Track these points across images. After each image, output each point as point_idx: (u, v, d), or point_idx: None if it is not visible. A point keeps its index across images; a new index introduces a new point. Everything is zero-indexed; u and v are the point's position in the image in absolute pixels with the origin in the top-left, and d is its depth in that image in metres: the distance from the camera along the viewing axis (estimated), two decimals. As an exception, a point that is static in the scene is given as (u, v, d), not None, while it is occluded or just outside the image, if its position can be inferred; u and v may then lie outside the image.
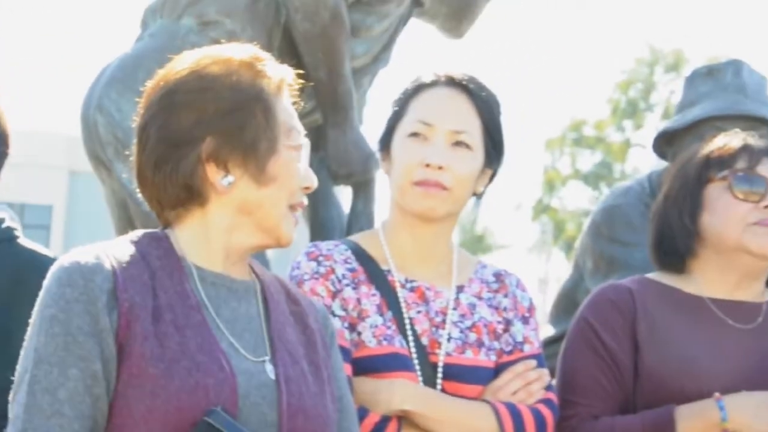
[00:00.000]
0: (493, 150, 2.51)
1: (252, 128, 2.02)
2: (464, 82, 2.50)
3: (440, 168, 2.42)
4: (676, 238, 2.65)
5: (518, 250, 34.86)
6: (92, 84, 3.81)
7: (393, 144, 2.51)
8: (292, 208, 2.07)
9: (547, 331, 4.01)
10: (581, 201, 31.90)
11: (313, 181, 2.10)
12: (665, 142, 3.71)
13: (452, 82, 2.51)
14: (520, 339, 2.50)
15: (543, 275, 32.22)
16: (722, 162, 2.64)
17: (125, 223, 3.68)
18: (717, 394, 2.45)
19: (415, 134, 2.46)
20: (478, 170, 2.49)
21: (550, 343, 3.86)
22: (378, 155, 2.58)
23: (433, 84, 2.51)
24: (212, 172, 2.01)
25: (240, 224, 2.04)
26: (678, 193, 2.67)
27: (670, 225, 2.66)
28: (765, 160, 2.64)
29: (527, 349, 2.49)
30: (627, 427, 2.50)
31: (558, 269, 30.95)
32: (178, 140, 2.00)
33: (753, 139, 2.70)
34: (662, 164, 3.88)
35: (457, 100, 2.50)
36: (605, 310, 2.61)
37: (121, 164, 3.59)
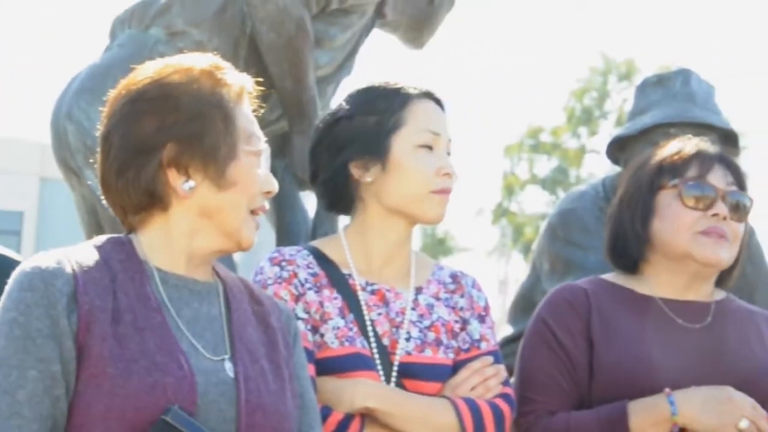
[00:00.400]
0: None
1: (212, 134, 2.03)
2: (437, 96, 2.54)
3: (452, 175, 2.49)
4: (628, 242, 2.67)
5: (479, 253, 34.89)
6: (62, 93, 3.79)
7: (393, 152, 2.47)
8: (253, 212, 2.08)
9: (506, 330, 4.02)
10: (539, 205, 31.95)
11: (274, 186, 2.11)
12: (618, 148, 3.74)
13: (428, 95, 2.54)
14: (477, 337, 2.52)
15: (503, 277, 32.25)
16: (674, 169, 2.65)
17: (95, 229, 3.66)
18: (667, 390, 2.47)
19: (425, 144, 2.48)
20: None
21: (509, 342, 3.86)
22: (355, 162, 2.50)
23: (416, 96, 2.52)
24: (173, 177, 2.02)
25: (201, 228, 2.05)
26: (631, 198, 2.68)
27: (624, 229, 2.67)
28: (716, 167, 2.64)
29: (484, 346, 2.51)
30: (582, 422, 2.52)
31: (517, 271, 31.00)
32: (140, 147, 2.01)
33: (706, 146, 2.70)
34: (616, 169, 3.90)
35: (440, 112, 2.54)
36: (561, 310, 2.63)
37: (90, 171, 3.57)
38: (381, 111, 2.50)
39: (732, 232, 2.61)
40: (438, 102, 2.54)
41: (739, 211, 2.63)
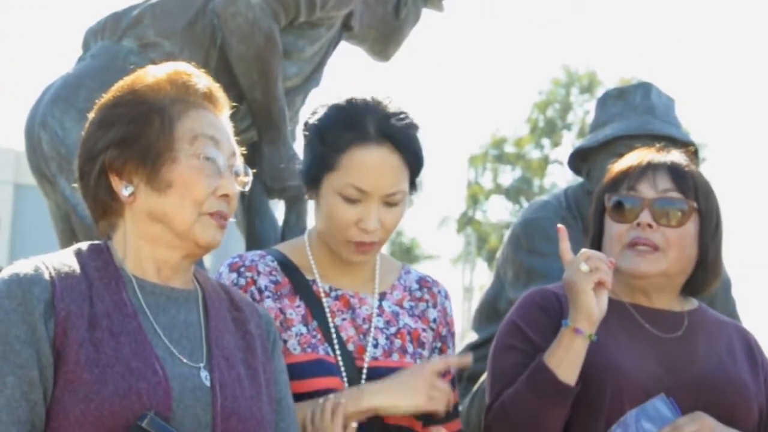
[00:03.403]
0: (415, 176, 2.41)
1: (146, 136, 2.01)
2: (395, 138, 2.34)
3: (374, 231, 2.36)
4: None
5: (444, 261, 34.95)
6: (36, 102, 3.78)
7: (322, 189, 2.37)
8: (211, 215, 2.03)
9: (471, 337, 4.02)
10: (503, 214, 32.08)
11: (229, 189, 2.05)
12: (580, 159, 3.76)
13: (382, 137, 2.33)
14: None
15: (467, 284, 32.27)
16: (612, 186, 2.63)
17: (68, 236, 3.64)
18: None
19: (349, 198, 2.33)
20: (405, 209, 2.42)
21: (474, 348, 3.87)
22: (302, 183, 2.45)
23: (364, 139, 2.33)
24: (116, 183, 2.02)
25: (158, 234, 2.03)
26: (591, 217, 2.69)
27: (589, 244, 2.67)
28: (649, 176, 2.59)
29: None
30: (512, 391, 2.47)
31: (481, 278, 31.06)
32: (90, 155, 2.03)
33: (647, 156, 2.64)
34: (578, 180, 3.92)
35: (390, 161, 2.34)
36: (532, 312, 2.59)
37: (64, 179, 3.55)
38: (327, 143, 2.36)
39: (663, 239, 2.56)
40: (399, 145, 2.34)
41: (668, 216, 2.58)
